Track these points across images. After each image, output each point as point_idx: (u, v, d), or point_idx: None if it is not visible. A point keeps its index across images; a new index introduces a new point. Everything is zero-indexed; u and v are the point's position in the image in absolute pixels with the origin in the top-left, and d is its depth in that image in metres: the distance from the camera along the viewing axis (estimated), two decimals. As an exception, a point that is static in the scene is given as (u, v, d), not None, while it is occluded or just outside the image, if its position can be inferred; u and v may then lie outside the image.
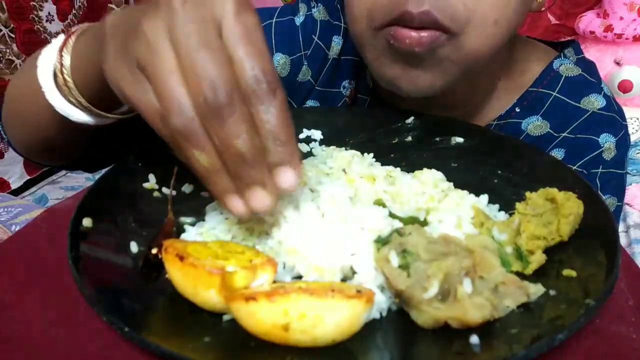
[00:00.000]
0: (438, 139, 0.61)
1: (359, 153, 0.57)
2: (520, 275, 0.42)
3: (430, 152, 0.60)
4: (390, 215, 0.45)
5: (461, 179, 0.53)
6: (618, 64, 1.68)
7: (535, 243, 0.43)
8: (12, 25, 1.60)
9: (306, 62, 0.73)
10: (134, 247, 0.43)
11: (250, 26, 0.36)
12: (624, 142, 0.68)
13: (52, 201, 1.72)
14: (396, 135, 0.62)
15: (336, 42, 0.73)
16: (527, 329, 0.37)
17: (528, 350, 0.34)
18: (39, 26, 1.67)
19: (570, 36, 1.81)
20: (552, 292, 0.40)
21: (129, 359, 0.35)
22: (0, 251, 0.46)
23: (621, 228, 1.46)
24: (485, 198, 0.50)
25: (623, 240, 1.43)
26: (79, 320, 0.37)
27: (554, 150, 0.68)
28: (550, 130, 0.68)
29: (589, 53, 1.49)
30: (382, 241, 0.42)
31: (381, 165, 0.55)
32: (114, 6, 1.99)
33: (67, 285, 0.38)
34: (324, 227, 0.42)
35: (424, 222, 0.46)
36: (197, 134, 0.35)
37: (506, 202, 0.50)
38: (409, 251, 0.40)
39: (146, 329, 0.36)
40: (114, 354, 0.35)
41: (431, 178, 0.52)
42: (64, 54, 0.48)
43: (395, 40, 0.53)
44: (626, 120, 0.71)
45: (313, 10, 0.73)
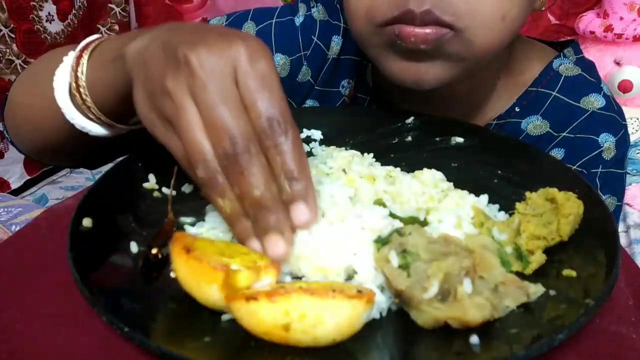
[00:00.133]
0: (438, 139, 0.61)
1: (359, 153, 0.57)
2: (520, 275, 0.42)
3: (430, 152, 0.60)
4: (390, 215, 0.45)
5: (461, 179, 0.53)
6: (618, 64, 1.68)
7: (535, 243, 0.43)
8: (12, 25, 1.59)
9: (306, 63, 0.73)
10: (134, 247, 0.43)
11: (262, 72, 0.38)
12: (623, 142, 0.68)
13: (52, 201, 1.72)
14: (396, 135, 0.62)
15: (336, 42, 0.73)
16: (527, 329, 0.37)
17: (528, 350, 0.34)
18: (39, 26, 1.67)
19: (570, 36, 1.81)
20: (552, 292, 0.40)
21: (129, 359, 0.35)
22: (0, 251, 0.46)
23: (621, 228, 1.46)
24: (485, 198, 0.50)
25: (623, 240, 1.43)
26: (78, 320, 0.37)
27: (554, 150, 0.68)
28: (550, 130, 0.68)
29: (589, 53, 1.49)
30: (382, 241, 0.42)
31: (381, 165, 0.55)
32: (114, 6, 1.98)
33: (67, 285, 0.38)
34: (324, 227, 0.42)
35: (424, 222, 0.46)
36: (219, 183, 0.38)
37: (506, 202, 0.50)
38: (409, 251, 0.40)
39: (146, 328, 0.36)
40: (114, 354, 0.35)
41: (431, 178, 0.52)
42: (80, 74, 0.50)
43: (400, 38, 0.54)
44: (626, 120, 0.71)
45: (312, 11, 0.73)
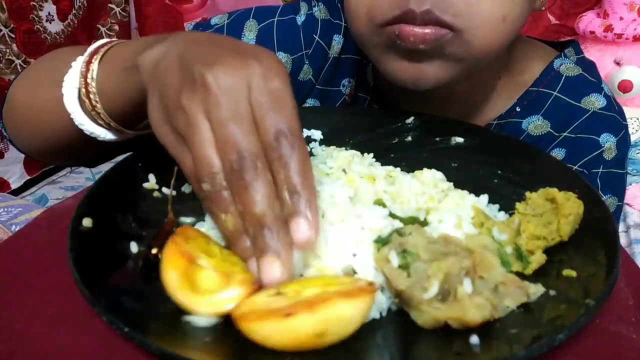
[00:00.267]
0: (438, 139, 0.61)
1: (359, 153, 0.57)
2: (520, 275, 0.42)
3: (430, 152, 0.60)
4: (390, 215, 0.45)
5: (461, 179, 0.53)
6: (618, 64, 1.68)
7: (535, 243, 0.43)
8: (12, 25, 1.59)
9: (307, 62, 0.73)
10: (134, 247, 0.43)
11: (275, 89, 0.38)
12: (624, 142, 0.68)
13: (52, 201, 1.71)
14: (396, 135, 0.62)
15: (337, 41, 0.73)
16: (527, 329, 0.37)
17: (528, 350, 0.34)
18: (39, 26, 1.67)
19: (570, 36, 1.80)
20: (552, 292, 0.40)
21: (129, 359, 0.35)
22: (0, 251, 0.46)
23: (621, 228, 1.46)
24: (485, 198, 0.50)
25: (623, 240, 1.43)
26: (78, 320, 0.37)
27: (555, 150, 0.68)
28: (551, 130, 0.68)
29: (589, 53, 1.49)
30: (382, 241, 0.42)
31: (381, 165, 0.55)
32: (114, 6, 1.98)
33: (67, 285, 0.38)
34: (324, 227, 0.42)
35: (424, 222, 0.46)
36: (223, 198, 0.38)
37: (506, 202, 0.50)
38: (409, 251, 0.40)
39: (146, 329, 0.36)
40: (114, 354, 0.35)
41: (431, 178, 0.52)
42: (90, 80, 0.49)
43: (400, 38, 0.54)
44: (626, 120, 0.71)
45: (314, 9, 0.73)
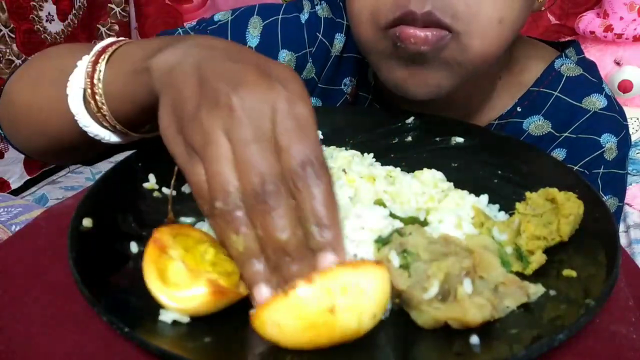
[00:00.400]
0: (438, 139, 0.61)
1: (359, 153, 0.57)
2: (520, 275, 0.42)
3: (430, 152, 0.60)
4: (391, 215, 0.45)
5: (461, 179, 0.53)
6: (618, 64, 1.68)
7: (535, 243, 0.43)
8: (12, 25, 1.59)
9: (310, 60, 0.73)
10: (134, 247, 0.43)
11: (300, 115, 0.37)
12: (625, 142, 0.68)
13: (52, 201, 1.71)
14: (396, 135, 0.62)
15: (339, 40, 0.73)
16: (527, 329, 0.37)
17: (528, 350, 0.34)
18: (39, 26, 1.67)
19: (570, 36, 1.80)
20: (552, 292, 0.40)
21: (129, 359, 0.35)
22: (0, 251, 0.46)
23: (621, 228, 1.46)
24: (485, 198, 0.50)
25: (623, 240, 1.43)
26: (79, 321, 0.37)
27: (556, 150, 0.68)
28: (551, 130, 0.68)
29: (589, 53, 1.48)
30: (383, 241, 0.42)
31: (381, 165, 0.55)
32: (114, 6, 1.98)
33: (67, 285, 0.38)
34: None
35: (424, 222, 0.46)
36: (239, 219, 0.36)
37: (506, 202, 0.50)
38: (409, 251, 0.40)
39: (146, 329, 0.36)
40: (114, 354, 0.35)
41: (431, 178, 0.52)
42: (96, 81, 0.48)
43: (401, 40, 0.54)
44: (627, 120, 0.71)
45: (317, 8, 0.73)
